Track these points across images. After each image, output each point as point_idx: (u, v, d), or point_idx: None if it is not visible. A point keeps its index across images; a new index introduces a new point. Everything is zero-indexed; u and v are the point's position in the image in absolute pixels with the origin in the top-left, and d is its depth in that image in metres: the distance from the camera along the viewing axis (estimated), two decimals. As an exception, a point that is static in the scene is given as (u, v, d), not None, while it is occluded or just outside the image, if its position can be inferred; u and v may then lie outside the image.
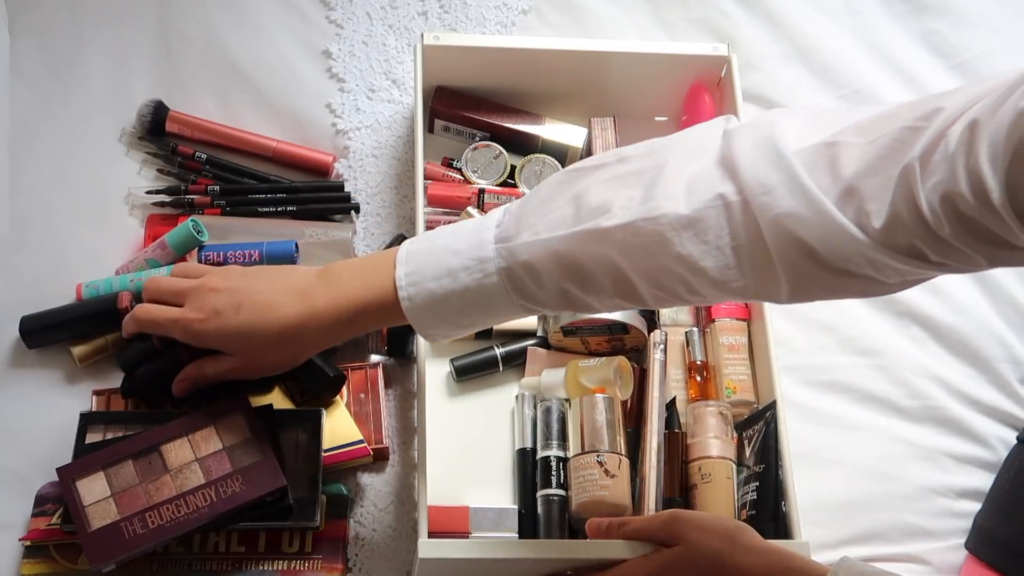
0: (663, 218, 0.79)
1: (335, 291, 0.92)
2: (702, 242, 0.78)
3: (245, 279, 0.96)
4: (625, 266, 0.82)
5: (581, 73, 1.22)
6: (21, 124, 1.23)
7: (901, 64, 1.37)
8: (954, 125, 0.68)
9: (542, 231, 0.84)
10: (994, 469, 1.14)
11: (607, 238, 0.81)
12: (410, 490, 1.08)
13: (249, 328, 0.93)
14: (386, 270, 0.90)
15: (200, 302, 0.94)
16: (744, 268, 0.78)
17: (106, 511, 0.98)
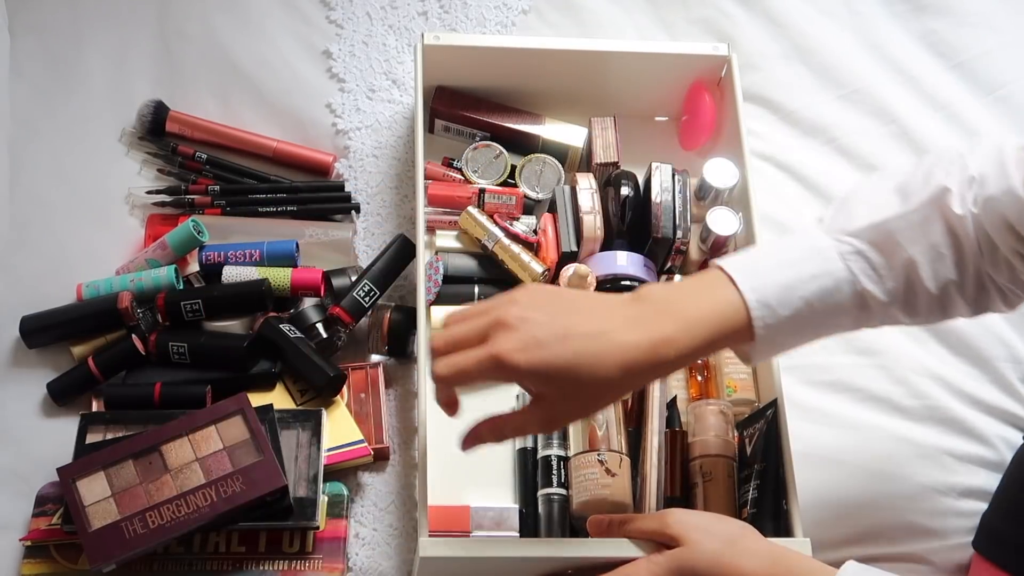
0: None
1: (678, 314, 0.83)
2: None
3: (553, 305, 0.83)
4: (959, 229, 0.86)
5: (581, 73, 1.22)
6: (21, 124, 1.23)
7: (901, 64, 1.37)
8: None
9: (876, 214, 0.87)
10: (996, 468, 1.13)
11: (944, 203, 0.86)
12: (411, 490, 1.08)
13: (585, 360, 0.80)
14: (723, 286, 0.85)
15: (514, 332, 0.80)
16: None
17: (106, 511, 0.98)
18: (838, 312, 0.87)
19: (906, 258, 0.87)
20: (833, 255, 0.87)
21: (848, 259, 0.87)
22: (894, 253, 0.87)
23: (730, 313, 0.84)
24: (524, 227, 1.17)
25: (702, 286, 0.86)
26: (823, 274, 0.86)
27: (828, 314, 0.87)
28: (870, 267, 0.87)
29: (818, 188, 1.29)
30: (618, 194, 1.14)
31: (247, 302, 1.11)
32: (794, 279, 0.85)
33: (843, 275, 0.86)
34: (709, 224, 1.14)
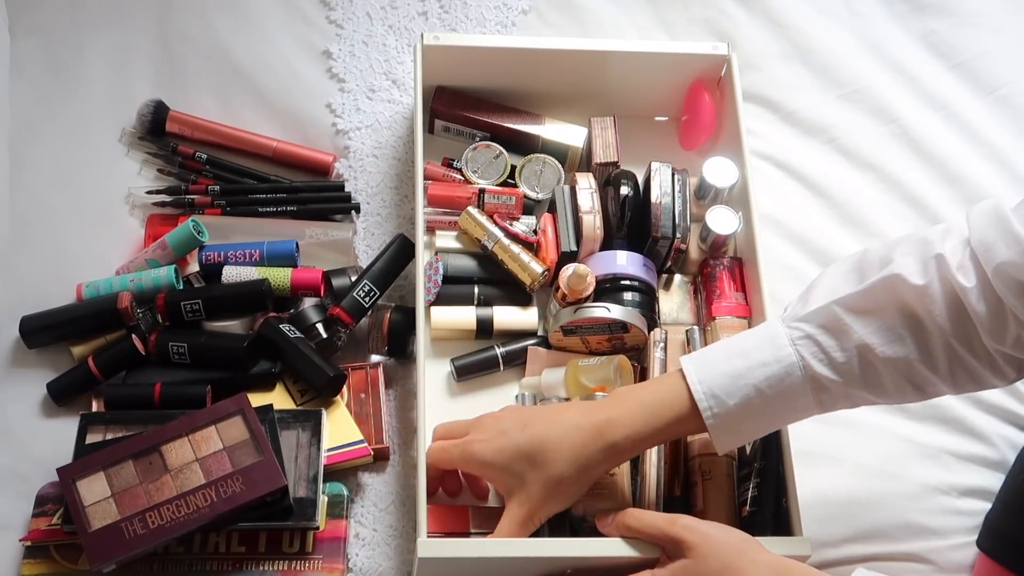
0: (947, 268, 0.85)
1: (628, 401, 0.92)
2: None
3: (525, 410, 0.98)
4: (920, 309, 0.85)
5: (581, 73, 1.22)
6: (21, 124, 1.23)
7: (901, 64, 1.37)
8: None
9: (831, 296, 0.89)
10: (997, 467, 1.13)
11: (899, 284, 0.86)
12: (410, 490, 1.08)
13: (537, 442, 0.91)
14: (676, 378, 0.91)
15: (484, 425, 0.95)
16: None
17: (106, 511, 0.98)
18: (794, 396, 0.89)
19: (857, 339, 0.88)
20: (784, 342, 0.89)
21: (798, 344, 0.89)
22: (844, 335, 0.88)
23: (677, 403, 0.90)
24: (524, 227, 1.17)
25: (660, 380, 0.94)
26: (772, 361, 0.89)
27: (784, 399, 0.89)
28: (820, 350, 0.88)
29: (818, 188, 1.29)
30: (618, 194, 1.14)
31: (247, 302, 1.11)
32: (742, 368, 0.89)
33: (792, 360, 0.88)
34: (709, 223, 1.14)
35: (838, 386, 0.88)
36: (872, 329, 0.87)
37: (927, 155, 1.31)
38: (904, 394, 0.90)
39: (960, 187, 1.29)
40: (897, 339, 0.87)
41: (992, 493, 1.11)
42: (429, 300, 1.13)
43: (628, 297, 1.11)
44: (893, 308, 0.87)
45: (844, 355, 0.88)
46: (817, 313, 0.89)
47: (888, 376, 0.88)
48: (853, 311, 0.88)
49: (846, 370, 0.88)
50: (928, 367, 0.87)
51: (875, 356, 0.87)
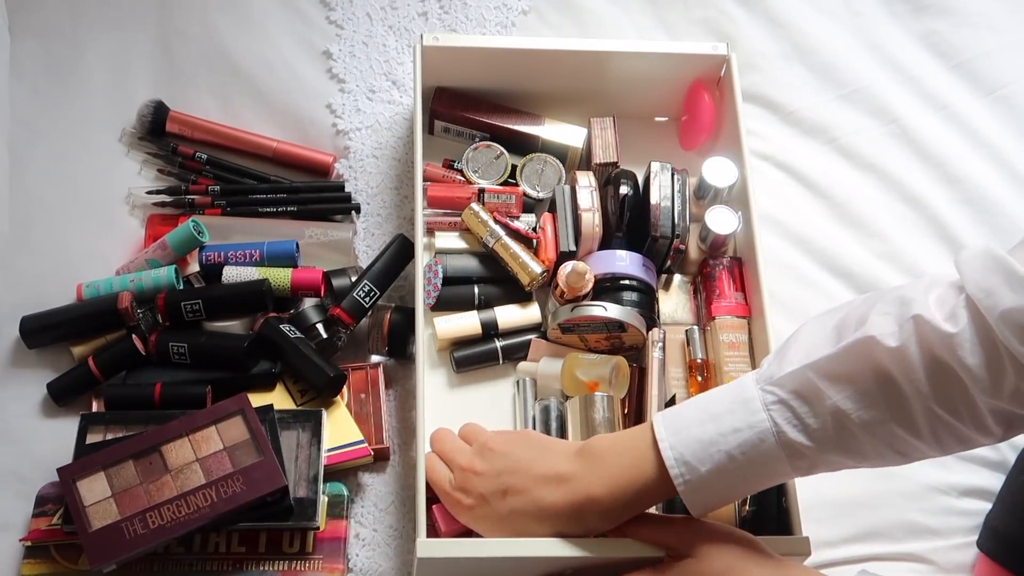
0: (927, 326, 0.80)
1: (606, 474, 0.89)
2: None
3: (507, 460, 0.94)
4: (896, 372, 0.82)
5: (581, 73, 1.22)
6: (21, 124, 1.23)
7: (901, 64, 1.37)
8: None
9: (806, 358, 0.84)
10: (997, 468, 1.13)
11: (873, 348, 0.82)
12: (411, 490, 1.08)
13: (516, 516, 0.91)
14: (648, 444, 0.88)
15: (467, 484, 0.94)
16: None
17: (107, 511, 0.98)
18: (768, 462, 0.85)
19: (831, 405, 0.84)
20: (757, 406, 0.85)
21: (771, 409, 0.85)
22: (818, 400, 0.84)
23: (650, 471, 0.87)
24: (525, 225, 1.17)
25: (633, 439, 0.90)
26: (745, 427, 0.85)
27: (758, 466, 0.85)
28: (793, 416, 0.84)
29: (818, 188, 1.29)
30: (617, 193, 1.14)
31: (247, 302, 1.11)
32: (715, 434, 0.85)
33: (765, 426, 0.84)
34: (708, 223, 1.14)
35: (813, 452, 0.85)
36: (847, 394, 0.83)
37: (927, 155, 1.31)
38: (885, 459, 0.86)
39: (960, 187, 1.29)
40: (873, 404, 0.83)
41: (992, 493, 1.11)
42: (429, 304, 1.13)
43: (627, 297, 1.11)
44: (868, 372, 0.83)
45: (818, 421, 0.84)
46: (791, 377, 0.85)
47: (867, 441, 0.84)
48: (827, 376, 0.84)
49: (821, 436, 0.84)
50: (908, 432, 0.83)
51: (851, 421, 0.83)
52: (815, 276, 1.23)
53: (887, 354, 0.81)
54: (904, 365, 0.81)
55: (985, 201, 1.28)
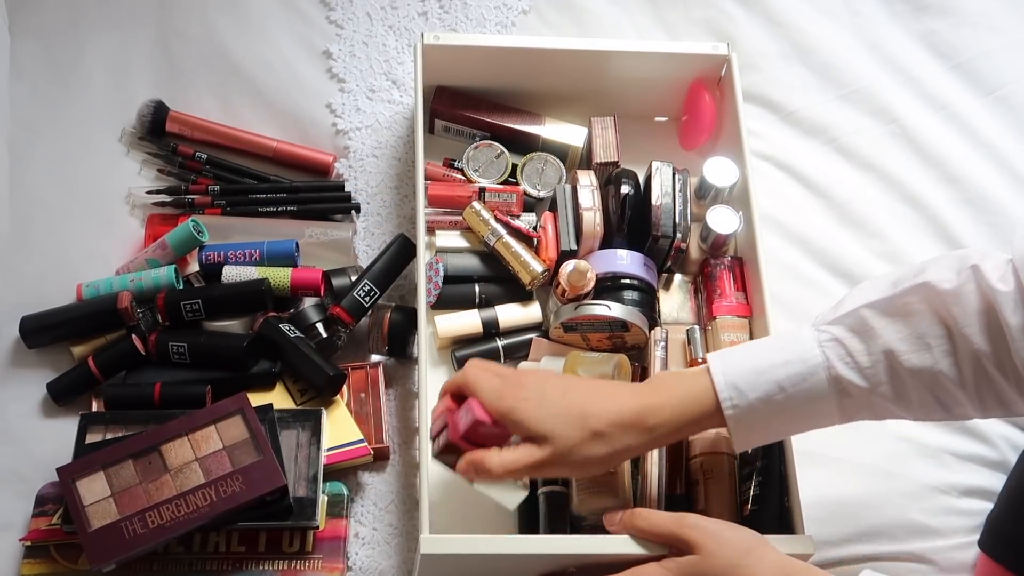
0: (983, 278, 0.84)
1: (664, 392, 0.91)
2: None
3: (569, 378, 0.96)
4: (949, 317, 0.85)
5: (581, 73, 1.22)
6: (21, 124, 1.23)
7: (901, 64, 1.37)
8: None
9: (862, 301, 0.88)
10: (997, 467, 1.13)
11: (930, 291, 0.86)
12: (411, 489, 1.08)
13: (578, 408, 0.88)
14: (702, 371, 0.91)
15: (526, 384, 0.90)
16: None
17: (106, 511, 0.98)
18: (816, 398, 0.88)
19: (884, 344, 0.87)
20: (811, 343, 0.89)
21: (825, 346, 0.88)
22: (871, 339, 0.87)
23: (703, 395, 0.89)
24: (526, 223, 1.17)
25: (688, 371, 0.93)
26: (797, 360, 0.88)
27: (805, 399, 0.88)
28: (846, 353, 0.88)
29: (818, 188, 1.29)
30: (618, 192, 1.14)
31: (247, 302, 1.11)
32: (766, 364, 0.88)
33: (817, 360, 0.88)
34: (709, 223, 1.14)
35: (862, 392, 0.87)
36: (901, 336, 0.86)
37: (927, 155, 1.31)
38: (928, 410, 0.88)
39: (960, 187, 1.29)
40: (924, 348, 0.86)
41: (993, 493, 1.11)
42: (430, 302, 1.13)
43: (628, 296, 1.11)
44: (923, 314, 0.86)
45: (870, 359, 0.87)
46: (847, 316, 0.88)
47: (913, 387, 0.87)
48: (882, 314, 0.87)
49: (871, 375, 0.87)
50: (954, 382, 0.86)
51: (900, 364, 0.86)
52: (816, 276, 1.23)
53: (943, 297, 0.85)
54: (958, 310, 0.84)
55: (985, 201, 1.28)
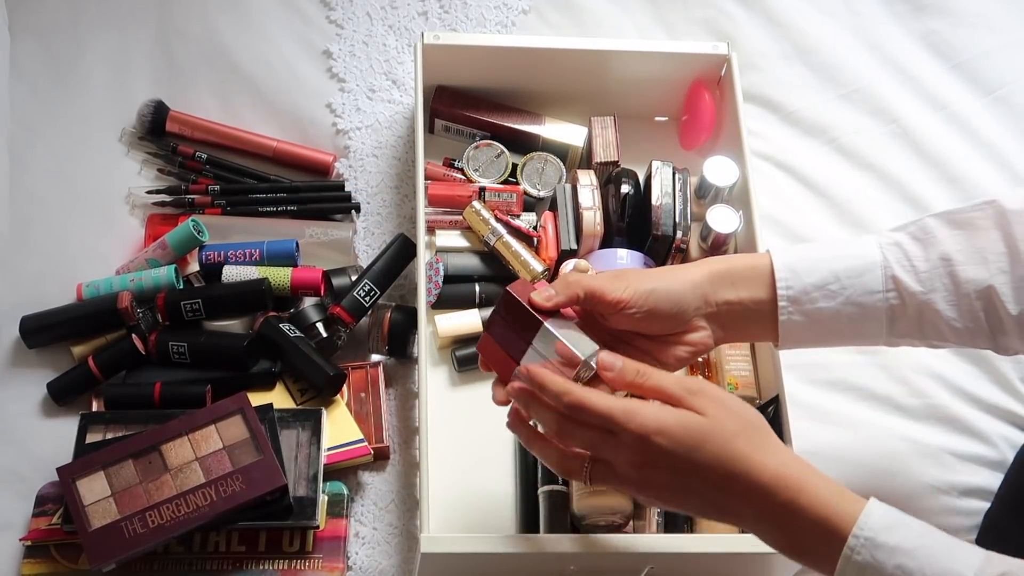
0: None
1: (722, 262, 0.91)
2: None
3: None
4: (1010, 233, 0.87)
5: (581, 72, 1.22)
6: (21, 124, 1.23)
7: (901, 64, 1.37)
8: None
9: (930, 214, 0.91)
10: (997, 467, 1.13)
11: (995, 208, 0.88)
12: (411, 489, 1.08)
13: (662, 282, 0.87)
14: (763, 255, 0.91)
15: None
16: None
17: (106, 511, 0.98)
18: (869, 297, 0.88)
19: (942, 250, 0.88)
20: (872, 244, 0.90)
21: (885, 249, 0.90)
22: (931, 243, 0.89)
23: (759, 272, 0.89)
24: (526, 223, 1.17)
25: (750, 255, 0.93)
26: (856, 256, 0.89)
27: (859, 295, 0.88)
28: (904, 256, 0.89)
29: (818, 188, 1.29)
30: (619, 192, 1.14)
31: (247, 302, 1.11)
32: (827, 255, 0.90)
33: (876, 259, 0.89)
34: (709, 222, 1.14)
35: (914, 299, 0.88)
36: (960, 246, 0.88)
37: (927, 155, 1.31)
38: (975, 332, 0.89)
39: (960, 187, 1.29)
40: (981, 261, 0.88)
41: (992, 493, 1.11)
42: (430, 301, 1.13)
43: (628, 296, 1.11)
44: (986, 230, 0.88)
45: (927, 264, 0.88)
46: (911, 224, 0.91)
47: (964, 299, 0.88)
48: (946, 224, 0.89)
49: (925, 279, 0.88)
50: (1005, 302, 0.87)
51: (956, 273, 0.88)
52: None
53: (1008, 216, 0.87)
54: (1020, 228, 0.86)
55: (985, 201, 1.28)
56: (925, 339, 0.91)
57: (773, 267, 0.89)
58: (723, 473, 0.75)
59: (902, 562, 0.73)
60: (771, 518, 0.76)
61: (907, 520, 0.77)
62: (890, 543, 0.74)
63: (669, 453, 0.76)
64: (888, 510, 0.77)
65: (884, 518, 0.76)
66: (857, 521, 0.75)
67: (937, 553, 0.74)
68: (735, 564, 0.98)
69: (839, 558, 0.74)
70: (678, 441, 0.76)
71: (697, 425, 0.76)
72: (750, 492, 0.75)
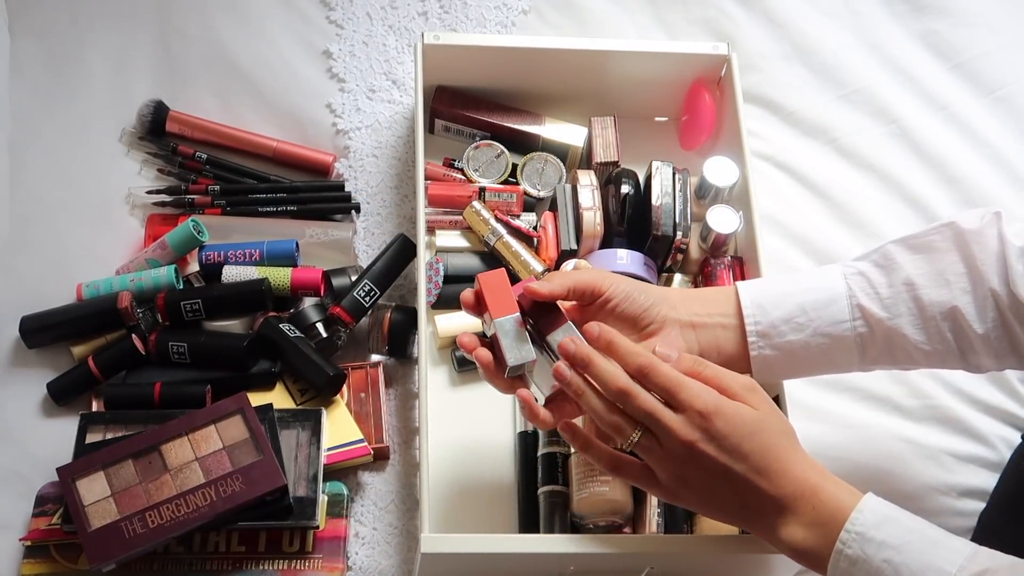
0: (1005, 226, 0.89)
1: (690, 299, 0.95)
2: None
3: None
4: (970, 255, 0.89)
5: (581, 72, 1.22)
6: (21, 124, 1.23)
7: (901, 64, 1.37)
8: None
9: (891, 240, 0.93)
10: (996, 468, 1.13)
11: (954, 230, 0.90)
12: (411, 489, 1.08)
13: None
14: (730, 292, 0.94)
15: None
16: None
17: (106, 511, 0.98)
18: (837, 326, 0.90)
19: (904, 276, 0.90)
20: (836, 274, 0.92)
21: (849, 278, 0.92)
22: (894, 269, 0.91)
23: (726, 311, 0.92)
24: (526, 223, 1.17)
25: (715, 289, 0.97)
26: (821, 288, 0.91)
27: (827, 326, 0.90)
28: (868, 284, 0.91)
29: (818, 188, 1.29)
30: (618, 192, 1.14)
31: (247, 302, 1.11)
32: (792, 288, 0.92)
33: (841, 289, 0.91)
34: (709, 222, 1.14)
35: (881, 325, 0.90)
36: (921, 270, 0.90)
37: (927, 155, 1.31)
38: (945, 352, 0.91)
39: (960, 187, 1.29)
40: (944, 283, 0.89)
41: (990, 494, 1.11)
42: (430, 301, 1.13)
43: (628, 296, 1.11)
44: (945, 252, 0.90)
45: (890, 291, 0.90)
46: (873, 252, 0.93)
47: (930, 322, 0.90)
48: (907, 249, 0.91)
49: (890, 304, 0.90)
50: (970, 321, 0.88)
51: (919, 297, 0.89)
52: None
53: (965, 236, 0.89)
54: (978, 248, 0.88)
55: (985, 201, 1.28)
56: (896, 363, 0.93)
57: (739, 303, 0.92)
58: (764, 463, 0.81)
59: (889, 556, 0.78)
60: (794, 505, 0.81)
61: (899, 515, 0.82)
62: (878, 538, 0.79)
63: (723, 435, 0.81)
64: (882, 505, 0.82)
65: (876, 513, 0.81)
66: (850, 516, 0.80)
67: (923, 548, 0.79)
68: (735, 564, 0.98)
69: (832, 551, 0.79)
70: (734, 426, 0.81)
71: (751, 416, 0.82)
72: (785, 481, 0.81)
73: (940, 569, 0.77)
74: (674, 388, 0.82)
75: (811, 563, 0.82)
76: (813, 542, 0.81)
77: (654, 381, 0.82)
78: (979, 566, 0.78)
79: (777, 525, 0.82)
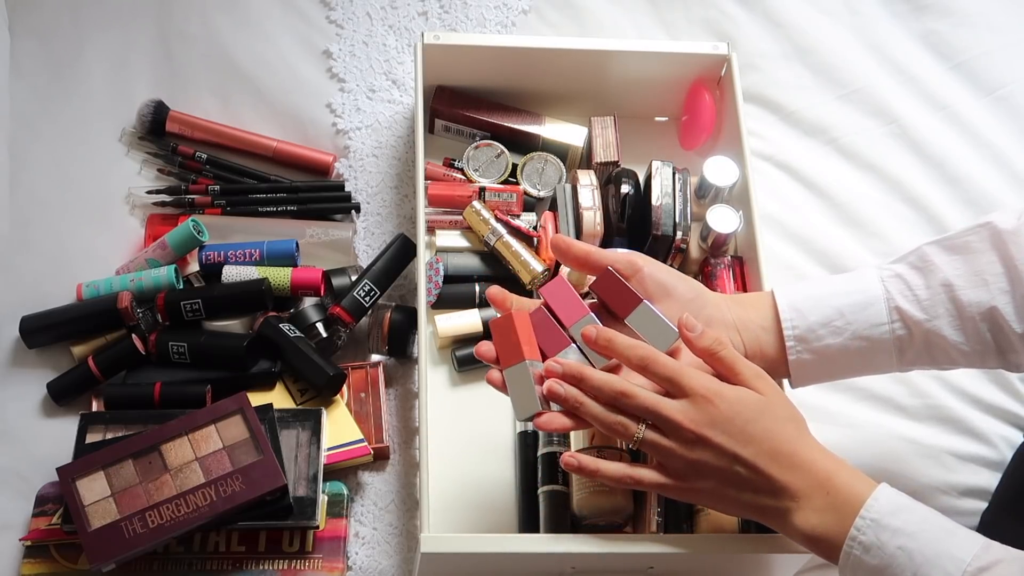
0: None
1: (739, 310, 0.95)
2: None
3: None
4: (1007, 255, 0.88)
5: (581, 73, 1.22)
6: (21, 124, 1.23)
7: (901, 64, 1.37)
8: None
9: (926, 242, 0.93)
10: (997, 468, 1.13)
11: (990, 230, 0.90)
12: (411, 489, 1.08)
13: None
14: (765, 295, 0.95)
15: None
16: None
17: (106, 511, 0.98)
18: (875, 329, 0.90)
19: (942, 277, 0.90)
20: (873, 278, 0.92)
21: (886, 281, 0.92)
22: (930, 273, 0.91)
23: (767, 315, 0.93)
24: (526, 223, 1.17)
25: (751, 295, 0.97)
26: (858, 291, 0.92)
27: (865, 329, 0.90)
28: (906, 287, 0.91)
29: (818, 188, 1.29)
30: (619, 191, 1.14)
31: (247, 302, 1.11)
32: (828, 292, 0.92)
33: (878, 292, 0.91)
34: (709, 222, 1.14)
35: (919, 327, 0.90)
36: (959, 270, 0.90)
37: (927, 155, 1.31)
38: (984, 352, 0.91)
39: (960, 187, 1.29)
40: (982, 283, 0.89)
41: (992, 493, 1.11)
42: (430, 301, 1.13)
43: (628, 296, 1.11)
44: (982, 252, 0.90)
45: (928, 292, 0.90)
46: (910, 254, 0.93)
47: (969, 322, 0.90)
48: (944, 250, 0.91)
49: (928, 306, 0.90)
50: (1009, 321, 0.88)
51: (957, 298, 0.89)
52: (816, 276, 1.23)
53: (1003, 236, 0.89)
54: (1016, 248, 0.88)
55: (985, 201, 1.28)
56: (936, 364, 0.94)
57: (776, 308, 0.92)
58: (773, 447, 0.82)
59: (903, 543, 0.79)
60: (807, 492, 0.82)
61: (913, 505, 0.82)
62: (893, 525, 0.79)
63: (727, 419, 0.82)
64: (896, 495, 0.82)
65: (891, 502, 0.81)
66: (865, 503, 0.80)
67: (938, 537, 0.79)
68: (735, 564, 0.98)
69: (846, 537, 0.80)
70: (736, 411, 0.82)
71: (755, 400, 0.83)
72: (796, 466, 0.82)
73: (954, 556, 0.78)
74: (675, 376, 0.83)
75: (822, 549, 0.82)
76: (826, 528, 0.81)
77: (655, 371, 0.84)
78: (992, 556, 0.78)
79: (790, 511, 0.82)
